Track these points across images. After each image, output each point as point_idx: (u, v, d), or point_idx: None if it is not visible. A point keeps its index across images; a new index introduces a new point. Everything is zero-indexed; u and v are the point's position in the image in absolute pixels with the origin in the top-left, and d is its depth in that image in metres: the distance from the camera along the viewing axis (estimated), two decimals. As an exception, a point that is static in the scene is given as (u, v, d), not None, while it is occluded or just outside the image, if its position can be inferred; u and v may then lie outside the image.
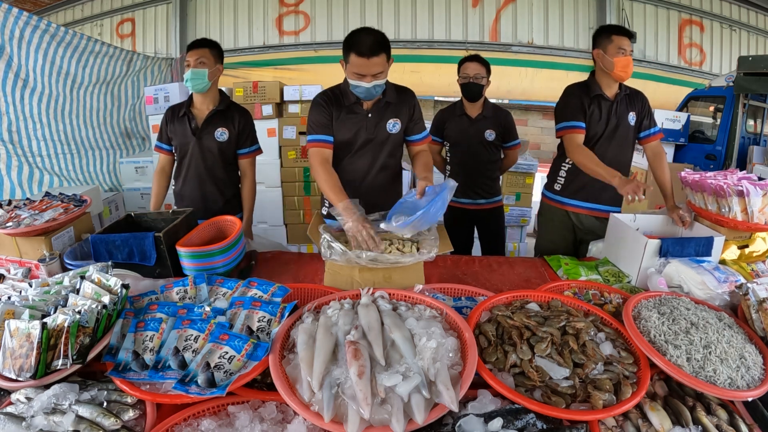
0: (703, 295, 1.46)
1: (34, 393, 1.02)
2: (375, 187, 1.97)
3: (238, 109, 2.25)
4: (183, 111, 2.20)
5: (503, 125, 2.64)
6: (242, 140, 2.25)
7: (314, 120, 1.87)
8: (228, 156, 2.25)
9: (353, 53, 1.67)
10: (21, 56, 2.88)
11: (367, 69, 1.69)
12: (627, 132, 2.11)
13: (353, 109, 1.88)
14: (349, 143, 1.92)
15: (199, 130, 2.17)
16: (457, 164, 2.71)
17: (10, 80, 2.81)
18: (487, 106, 2.63)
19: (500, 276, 1.83)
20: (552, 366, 1.09)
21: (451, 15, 6.24)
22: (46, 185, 3.04)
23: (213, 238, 1.81)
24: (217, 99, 2.21)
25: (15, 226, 1.63)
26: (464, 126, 2.62)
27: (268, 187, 4.00)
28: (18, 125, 2.90)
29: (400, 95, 1.92)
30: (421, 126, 1.99)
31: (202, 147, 2.19)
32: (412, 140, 1.99)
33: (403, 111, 1.93)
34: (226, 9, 6.41)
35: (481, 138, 2.60)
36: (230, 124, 2.20)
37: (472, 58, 2.57)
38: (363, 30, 1.70)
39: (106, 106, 3.90)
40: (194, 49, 2.10)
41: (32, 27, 2.90)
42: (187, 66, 2.10)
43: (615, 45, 1.97)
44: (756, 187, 1.62)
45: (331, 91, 1.91)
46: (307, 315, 1.24)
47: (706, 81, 6.10)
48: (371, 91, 1.75)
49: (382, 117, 1.90)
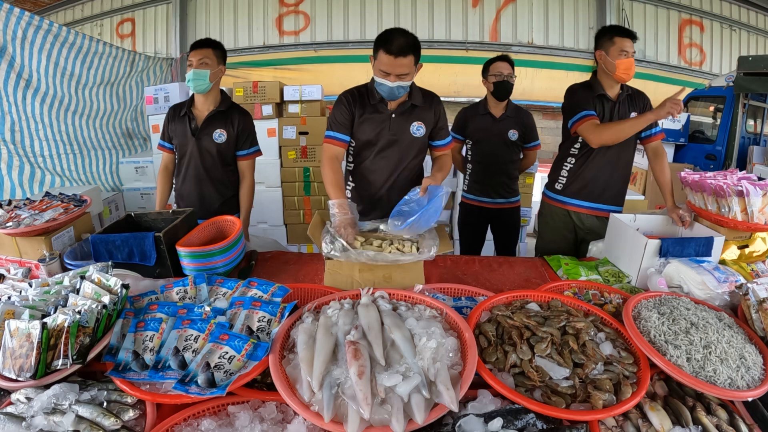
0: (703, 295, 1.46)
1: (34, 393, 1.02)
2: (396, 189, 1.95)
3: (238, 111, 2.25)
4: (184, 111, 2.20)
5: (525, 125, 2.67)
6: (241, 142, 2.25)
7: (334, 117, 1.88)
8: (226, 157, 2.24)
9: (382, 50, 1.68)
10: (24, 57, 2.87)
11: (392, 68, 1.69)
12: None
13: (378, 108, 1.87)
14: (372, 143, 1.91)
15: (198, 130, 2.17)
16: (478, 162, 2.72)
17: (12, 80, 2.81)
18: (510, 106, 2.66)
19: (500, 276, 1.83)
20: (552, 366, 1.09)
21: (451, 15, 6.24)
22: (47, 185, 3.04)
23: (213, 238, 1.81)
24: (218, 100, 2.21)
25: (15, 226, 1.63)
26: (488, 125, 2.64)
27: (268, 187, 4.00)
28: (20, 125, 2.90)
29: (426, 99, 1.92)
30: (446, 132, 1.99)
31: (200, 148, 2.19)
32: (436, 146, 1.99)
33: (428, 116, 1.92)
34: (226, 9, 6.41)
35: (504, 137, 2.63)
36: (229, 125, 2.20)
37: (502, 58, 2.60)
38: (397, 30, 1.70)
39: (111, 107, 3.92)
40: (198, 49, 2.09)
41: (35, 27, 2.90)
42: (190, 66, 2.09)
43: (617, 47, 1.97)
44: (756, 187, 1.62)
45: (357, 89, 1.91)
46: (307, 315, 1.24)
47: (706, 81, 6.11)
48: (394, 91, 1.75)
49: (407, 119, 1.89)
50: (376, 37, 1.72)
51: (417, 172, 2.04)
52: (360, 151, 1.95)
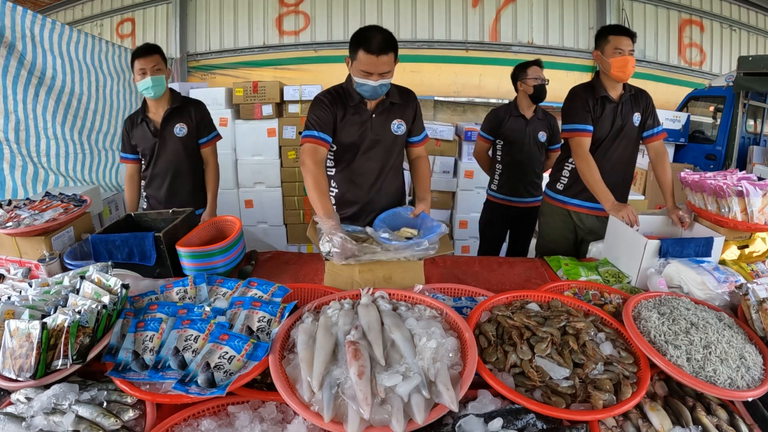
0: (703, 296, 1.46)
1: (34, 393, 1.02)
2: (383, 190, 1.94)
3: (192, 103, 2.35)
4: (140, 117, 2.28)
5: (552, 127, 2.77)
6: (201, 130, 2.34)
7: (316, 116, 1.78)
8: (191, 149, 2.33)
9: (362, 50, 1.64)
10: (36, 54, 2.84)
11: (375, 67, 1.66)
12: (632, 133, 2.11)
13: (358, 110, 1.82)
14: (355, 145, 1.86)
15: (159, 130, 2.25)
16: (509, 163, 2.81)
17: (23, 77, 2.76)
18: (538, 109, 2.75)
19: (500, 276, 1.83)
20: (552, 366, 1.09)
21: (451, 15, 6.23)
22: (51, 185, 3.02)
23: (213, 238, 1.81)
24: (170, 98, 2.28)
25: (15, 226, 1.63)
26: (521, 126, 2.72)
27: (268, 187, 4.01)
28: (27, 124, 2.85)
29: (403, 96, 1.90)
30: (421, 126, 1.98)
31: (164, 145, 2.27)
32: (413, 141, 1.97)
33: (407, 113, 1.91)
34: (226, 9, 6.40)
35: (535, 138, 2.73)
36: (187, 117, 2.29)
37: (538, 62, 2.68)
38: (372, 28, 1.67)
39: (118, 104, 3.91)
40: (147, 57, 2.15)
41: (39, 26, 2.89)
42: (143, 74, 2.14)
43: (612, 45, 1.97)
44: (756, 187, 1.62)
45: (335, 90, 1.85)
46: (307, 315, 1.24)
47: (706, 81, 6.11)
48: (377, 90, 1.72)
49: (387, 118, 1.86)
50: (352, 37, 1.69)
51: (400, 171, 2.03)
52: (342, 155, 1.89)
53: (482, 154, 2.93)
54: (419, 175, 1.95)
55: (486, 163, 2.94)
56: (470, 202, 4.02)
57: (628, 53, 1.95)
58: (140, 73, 2.14)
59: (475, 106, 6.16)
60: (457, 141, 4.07)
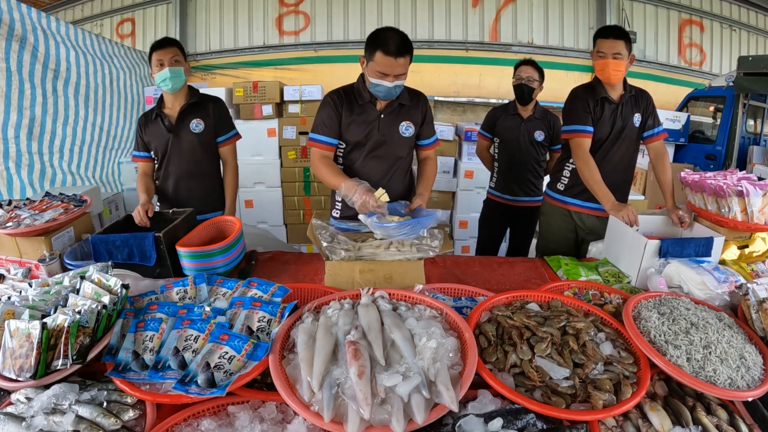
0: (703, 296, 1.46)
1: (34, 393, 1.02)
2: (390, 190, 1.92)
3: (211, 100, 2.25)
4: (155, 114, 2.17)
5: (553, 127, 2.76)
6: (219, 128, 2.24)
7: (321, 119, 1.85)
8: (208, 147, 2.23)
9: (380, 51, 1.65)
10: (49, 46, 2.78)
11: (391, 69, 1.68)
12: (632, 134, 2.12)
13: (365, 109, 1.85)
14: (361, 144, 1.89)
15: (174, 126, 2.15)
16: (505, 161, 2.83)
17: (38, 71, 2.69)
18: (538, 108, 2.76)
19: (500, 276, 1.83)
20: (552, 366, 1.09)
21: (451, 15, 6.23)
22: (58, 183, 2.98)
23: (213, 238, 1.81)
24: (188, 94, 2.20)
25: (15, 226, 1.63)
26: (515, 124, 2.74)
27: (268, 187, 4.01)
28: (43, 119, 2.76)
29: (413, 98, 1.91)
30: (432, 130, 1.99)
31: (178, 142, 2.16)
32: (423, 144, 1.99)
33: (416, 115, 1.92)
34: (226, 9, 6.40)
35: (531, 137, 2.73)
36: (205, 114, 2.19)
37: (527, 62, 2.70)
38: (390, 29, 1.69)
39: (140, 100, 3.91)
40: (165, 48, 2.07)
41: (46, 21, 2.87)
42: (160, 66, 2.05)
43: (596, 48, 2.00)
44: (756, 187, 1.62)
45: (343, 90, 1.88)
46: (307, 315, 1.24)
47: (706, 81, 6.10)
48: (392, 91, 1.74)
49: (395, 119, 1.88)
50: (368, 37, 1.71)
51: (408, 172, 2.04)
52: (349, 153, 1.92)
53: (483, 152, 2.99)
54: (423, 173, 1.97)
55: (488, 161, 2.99)
56: (470, 202, 4.02)
57: (611, 56, 1.94)
58: (158, 64, 2.06)
59: (475, 106, 6.15)
60: (457, 141, 4.08)
